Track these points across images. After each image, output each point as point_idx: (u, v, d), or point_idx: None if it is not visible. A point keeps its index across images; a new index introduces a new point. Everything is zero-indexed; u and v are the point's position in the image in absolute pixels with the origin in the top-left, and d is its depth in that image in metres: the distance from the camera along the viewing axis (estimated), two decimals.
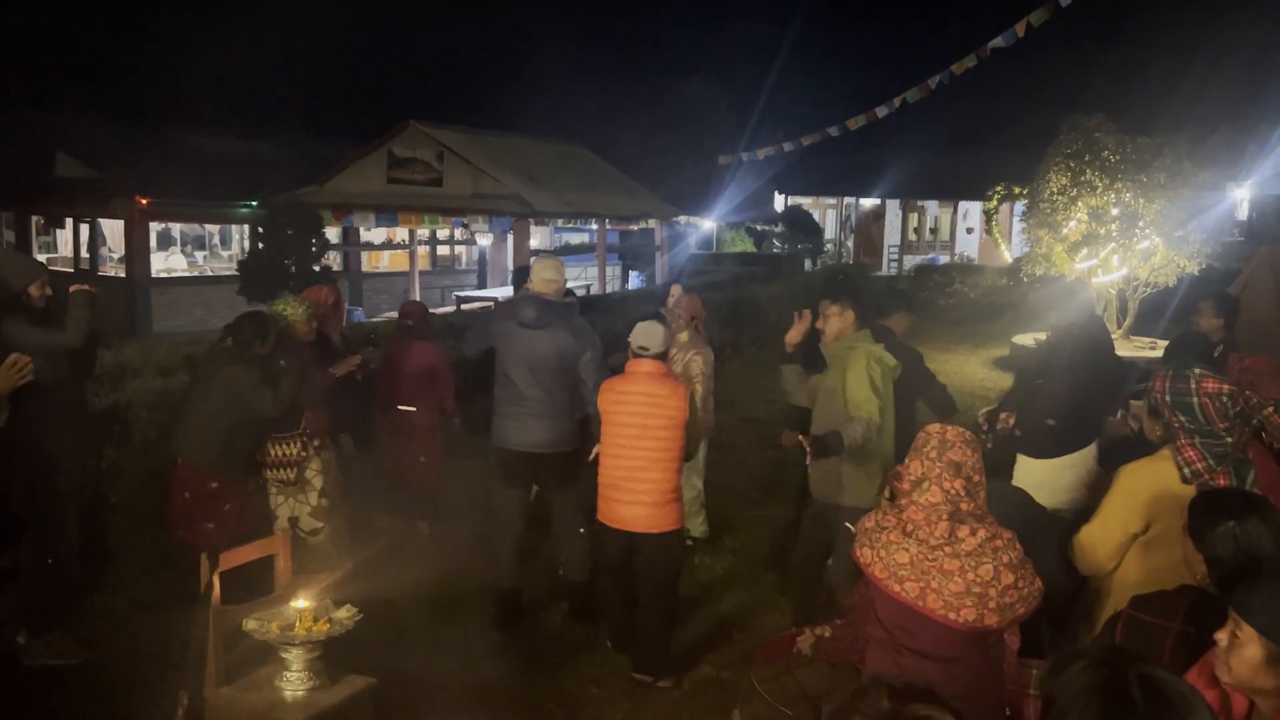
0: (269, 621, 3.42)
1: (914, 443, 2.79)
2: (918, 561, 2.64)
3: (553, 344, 4.92)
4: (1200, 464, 2.83)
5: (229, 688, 3.45)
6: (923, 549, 2.64)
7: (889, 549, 2.69)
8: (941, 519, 2.63)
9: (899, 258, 28.69)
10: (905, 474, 2.75)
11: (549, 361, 4.91)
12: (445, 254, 24.09)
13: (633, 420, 4.55)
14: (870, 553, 2.74)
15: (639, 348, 4.63)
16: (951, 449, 2.70)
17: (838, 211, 30.83)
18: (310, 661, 3.41)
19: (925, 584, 2.62)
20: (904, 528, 2.69)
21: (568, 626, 5.06)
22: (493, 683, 4.41)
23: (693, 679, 4.55)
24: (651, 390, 4.55)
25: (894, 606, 2.69)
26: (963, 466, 2.68)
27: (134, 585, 5.34)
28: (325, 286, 6.24)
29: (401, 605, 4.95)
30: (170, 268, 19.88)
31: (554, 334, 4.92)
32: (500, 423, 5.02)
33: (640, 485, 4.53)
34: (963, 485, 2.65)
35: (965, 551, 2.61)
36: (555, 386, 4.93)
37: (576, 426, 5.06)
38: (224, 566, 3.45)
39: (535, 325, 4.91)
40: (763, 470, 7.54)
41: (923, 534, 2.65)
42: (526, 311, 4.96)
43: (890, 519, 2.76)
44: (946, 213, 31.06)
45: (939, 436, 2.74)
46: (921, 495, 2.66)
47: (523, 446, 4.95)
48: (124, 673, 4.42)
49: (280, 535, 3.96)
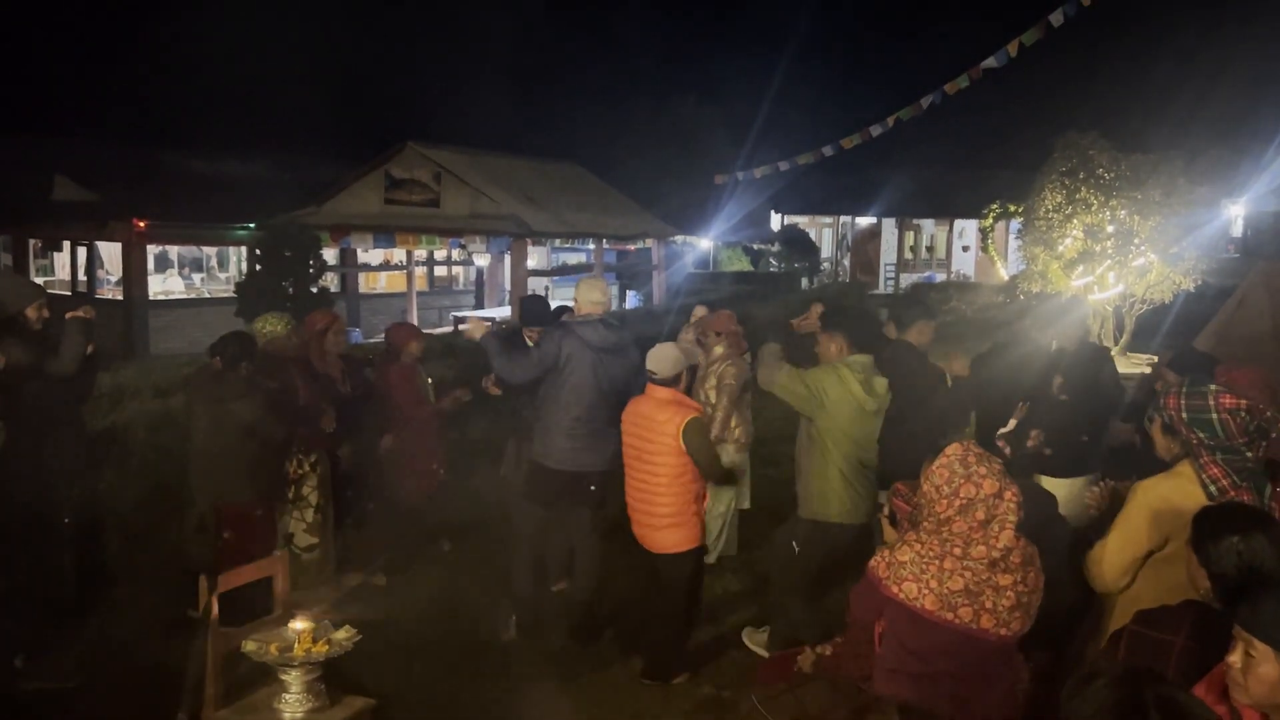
0: (268, 643, 3.40)
1: (945, 469, 2.74)
2: (973, 585, 2.63)
3: (626, 368, 4.92)
4: (1225, 480, 2.80)
5: (227, 710, 3.43)
6: (978, 570, 2.63)
7: (942, 578, 2.67)
8: (1006, 529, 2.63)
9: (895, 276, 28.76)
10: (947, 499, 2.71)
11: (619, 385, 4.89)
12: (443, 275, 24.12)
13: (635, 444, 4.61)
14: (917, 586, 2.71)
15: (648, 371, 4.63)
16: (995, 461, 2.71)
17: (834, 230, 30.91)
18: (309, 683, 3.39)
19: (979, 605, 2.62)
20: (953, 552, 2.67)
21: (569, 645, 5.03)
22: (494, 702, 4.39)
23: (694, 698, 4.52)
24: (652, 415, 4.54)
25: (939, 635, 2.68)
26: (1007, 473, 2.69)
27: (131, 607, 5.31)
28: (322, 312, 6.21)
29: (401, 624, 4.93)
30: (168, 290, 19.89)
31: (627, 358, 4.94)
32: (553, 442, 4.89)
33: (647, 508, 4.58)
34: (1019, 490, 2.66)
35: (1015, 563, 2.62)
36: (615, 408, 4.87)
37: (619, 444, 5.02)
38: (223, 588, 3.44)
39: (613, 350, 4.90)
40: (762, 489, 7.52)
41: (979, 552, 2.63)
42: (604, 336, 4.91)
43: (933, 546, 2.73)
44: (943, 231, 31.15)
45: (975, 453, 2.73)
46: (988, 513, 2.64)
47: (578, 466, 4.89)
48: (121, 695, 4.39)
49: (278, 557, 3.94)
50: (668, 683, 4.59)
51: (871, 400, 4.52)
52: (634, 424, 4.61)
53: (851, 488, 4.55)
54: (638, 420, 4.59)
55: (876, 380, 4.57)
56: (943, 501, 2.70)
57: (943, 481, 2.71)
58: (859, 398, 4.49)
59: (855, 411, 4.50)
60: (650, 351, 4.70)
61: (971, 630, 2.63)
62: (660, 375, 4.58)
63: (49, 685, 4.46)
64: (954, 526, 2.68)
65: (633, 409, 4.66)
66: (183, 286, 20.73)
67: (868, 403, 4.50)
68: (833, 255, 30.26)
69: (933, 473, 2.75)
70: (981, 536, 2.65)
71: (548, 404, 4.92)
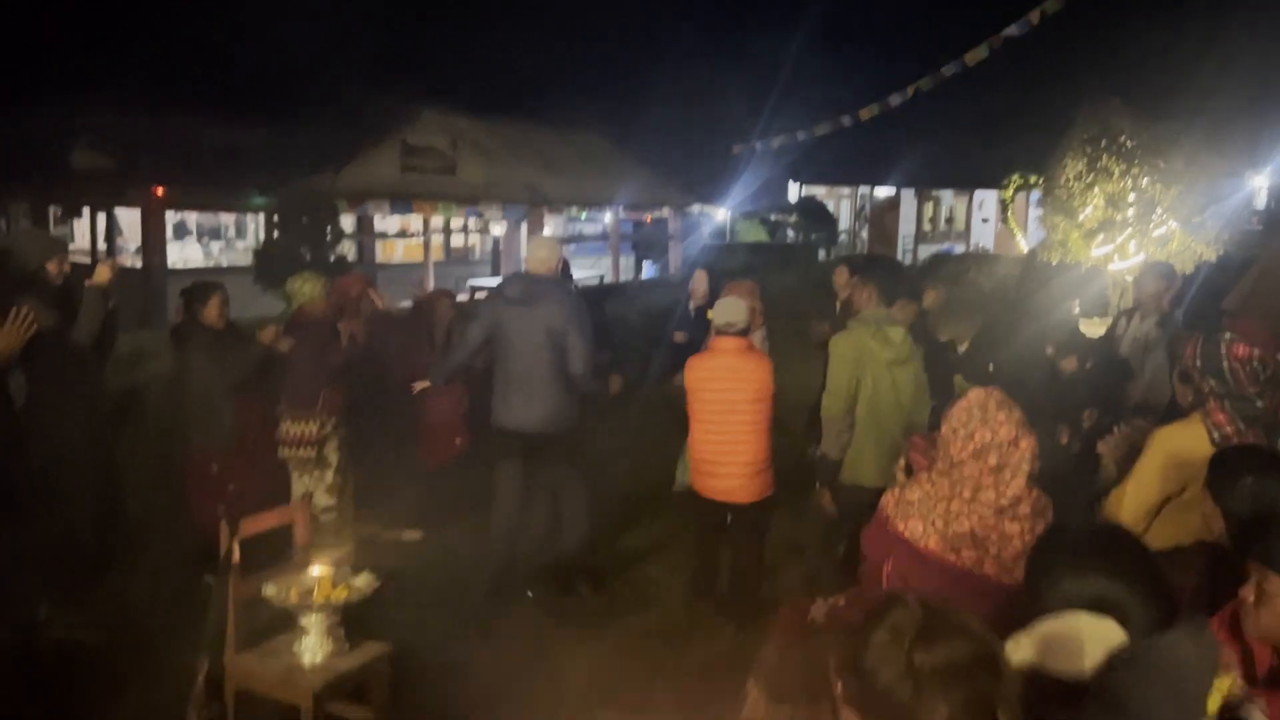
0: (288, 588, 3.45)
1: (964, 411, 2.74)
2: (979, 529, 2.63)
3: (540, 321, 4.82)
4: (1229, 427, 2.82)
5: (248, 653, 3.48)
6: (985, 515, 2.63)
7: (948, 519, 2.67)
8: (1018, 477, 2.62)
9: (914, 247, 28.57)
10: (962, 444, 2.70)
11: (537, 339, 4.83)
12: (459, 244, 24.12)
13: (721, 396, 4.65)
14: (922, 525, 2.71)
15: (725, 324, 4.73)
16: (1015, 408, 2.70)
17: (852, 201, 30.70)
18: (329, 627, 3.43)
19: (984, 551, 2.62)
20: (959, 494, 2.67)
21: (577, 601, 5.07)
22: (507, 655, 4.44)
23: (710, 651, 4.56)
24: (736, 365, 4.66)
25: (942, 577, 2.68)
26: (1026, 423, 2.68)
27: (151, 560, 5.39)
28: (355, 276, 6.32)
29: (416, 579, 4.98)
30: (186, 259, 19.99)
31: (541, 310, 4.82)
32: (497, 402, 4.99)
33: (732, 459, 4.66)
34: (1035, 442, 2.65)
35: (1024, 514, 2.62)
36: (547, 365, 4.84)
37: (575, 404, 5.00)
38: (243, 534, 3.48)
39: (521, 302, 4.85)
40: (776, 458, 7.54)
41: (987, 497, 2.63)
42: (513, 289, 4.93)
43: (943, 487, 2.73)
44: (962, 202, 30.91)
45: (995, 398, 2.72)
46: (1000, 458, 2.64)
47: (518, 426, 4.90)
48: (143, 643, 4.47)
49: (298, 504, 3.99)
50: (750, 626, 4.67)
51: (887, 350, 4.50)
52: (717, 377, 4.67)
53: (880, 449, 4.53)
54: (722, 374, 4.67)
55: (892, 330, 4.54)
56: (957, 444, 2.69)
57: (959, 424, 2.70)
58: (872, 351, 4.48)
59: (875, 366, 4.50)
60: (719, 304, 4.83)
61: (974, 575, 2.63)
62: (737, 325, 4.71)
63: (73, 636, 4.54)
64: (965, 470, 2.67)
65: (711, 363, 4.72)
66: (201, 255, 20.83)
67: (883, 354, 4.49)
68: (850, 226, 30.07)
69: (951, 414, 2.74)
70: (992, 482, 2.64)
71: (494, 364, 5.02)
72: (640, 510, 6.54)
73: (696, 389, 4.73)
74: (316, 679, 3.32)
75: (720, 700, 3.94)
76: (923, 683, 1.31)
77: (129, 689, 4.09)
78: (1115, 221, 12.26)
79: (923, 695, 1.31)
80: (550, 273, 4.99)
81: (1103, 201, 12.36)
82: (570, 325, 4.83)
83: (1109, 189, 12.29)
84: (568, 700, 4.07)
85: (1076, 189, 12.43)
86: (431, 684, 3.94)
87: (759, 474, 4.73)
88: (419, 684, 3.90)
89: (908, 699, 1.32)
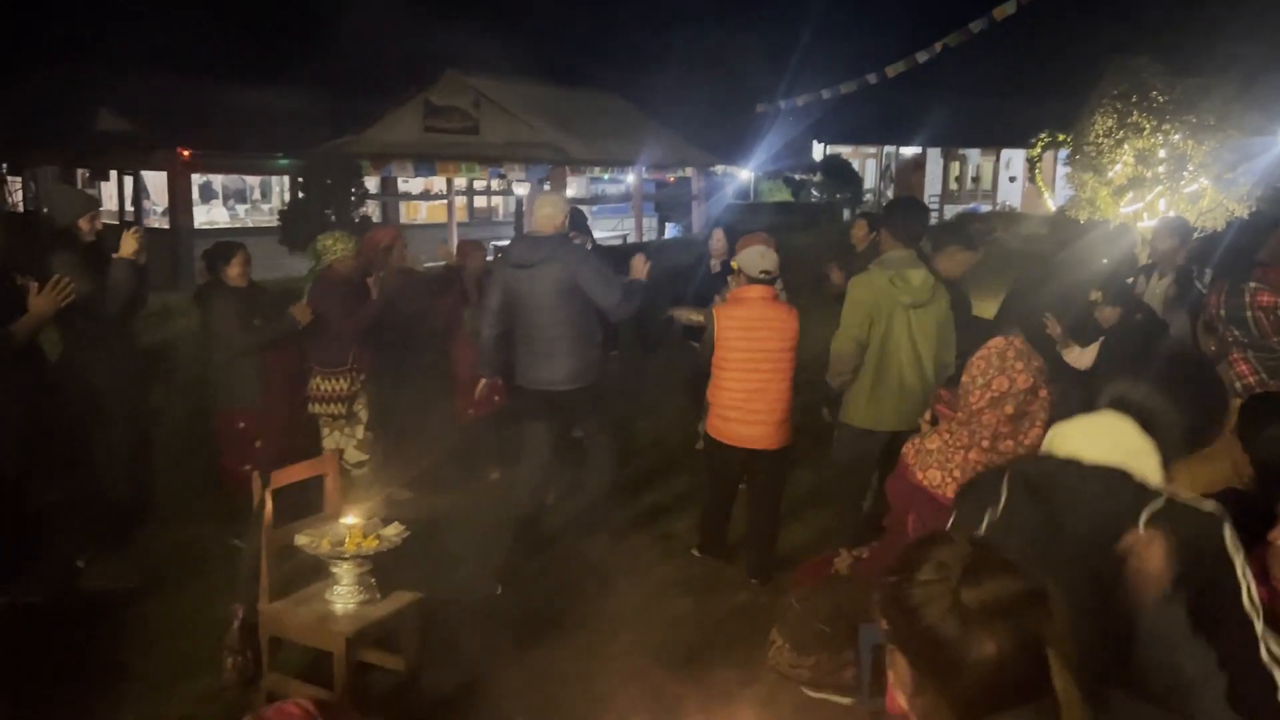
0: (319, 538, 3.51)
1: (983, 360, 2.73)
2: None
3: (547, 281, 4.79)
4: (1252, 378, 2.81)
5: (282, 601, 3.56)
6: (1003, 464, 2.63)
7: (965, 469, 2.68)
8: (1036, 426, 2.62)
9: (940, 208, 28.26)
10: (979, 392, 2.71)
11: (548, 299, 4.81)
12: (482, 205, 24.09)
13: (750, 344, 4.70)
14: (940, 474, 2.73)
15: (761, 272, 4.76)
16: (1034, 356, 2.69)
17: (877, 160, 30.38)
18: (360, 576, 3.50)
19: None
20: (979, 443, 2.67)
21: (605, 555, 5.13)
22: (533, 605, 4.51)
23: (733, 602, 4.61)
24: (767, 314, 4.73)
25: None
26: (1044, 372, 2.67)
27: (185, 513, 5.50)
28: (385, 229, 6.35)
29: (444, 533, 5.05)
30: (212, 220, 20.09)
31: (545, 271, 4.79)
32: (518, 362, 5.01)
33: (759, 405, 4.72)
34: (1052, 390, 2.65)
35: None
36: (562, 323, 4.82)
37: (596, 359, 5.00)
38: (275, 485, 3.54)
39: (526, 265, 4.83)
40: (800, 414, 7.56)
41: (1006, 446, 2.63)
42: (517, 252, 4.91)
43: (962, 436, 2.73)
44: (989, 161, 30.51)
45: (1015, 347, 2.71)
46: (1018, 407, 2.64)
47: (540, 385, 4.92)
48: (178, 593, 4.58)
49: (329, 456, 4.05)
50: (769, 582, 4.76)
51: (905, 294, 4.46)
52: (751, 325, 4.71)
53: (878, 391, 4.53)
54: (757, 322, 4.71)
55: (911, 272, 4.48)
56: (976, 393, 2.70)
57: (978, 373, 2.70)
58: (889, 294, 4.46)
59: (891, 309, 4.48)
60: (751, 251, 4.85)
61: None
62: (774, 272, 4.77)
63: (110, 586, 4.65)
64: (984, 419, 2.67)
65: (742, 311, 4.74)
66: (227, 217, 20.93)
67: (901, 296, 4.47)
68: (875, 186, 29.78)
69: (971, 364, 2.74)
70: (1010, 431, 2.65)
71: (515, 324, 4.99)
72: (663, 466, 6.59)
73: (727, 336, 4.74)
74: (348, 626, 3.39)
75: (743, 649, 4.01)
76: (969, 620, 1.26)
77: (165, 636, 4.19)
78: (1145, 178, 12.09)
79: (969, 633, 1.26)
80: (557, 230, 4.92)
81: (1132, 158, 12.18)
82: (580, 274, 4.77)
83: (1139, 145, 12.10)
84: (592, 648, 4.13)
85: (1106, 146, 12.25)
86: (460, 633, 4.01)
87: (783, 422, 4.78)
88: (448, 633, 3.97)
89: (954, 637, 1.27)
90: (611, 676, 3.83)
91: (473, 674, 3.77)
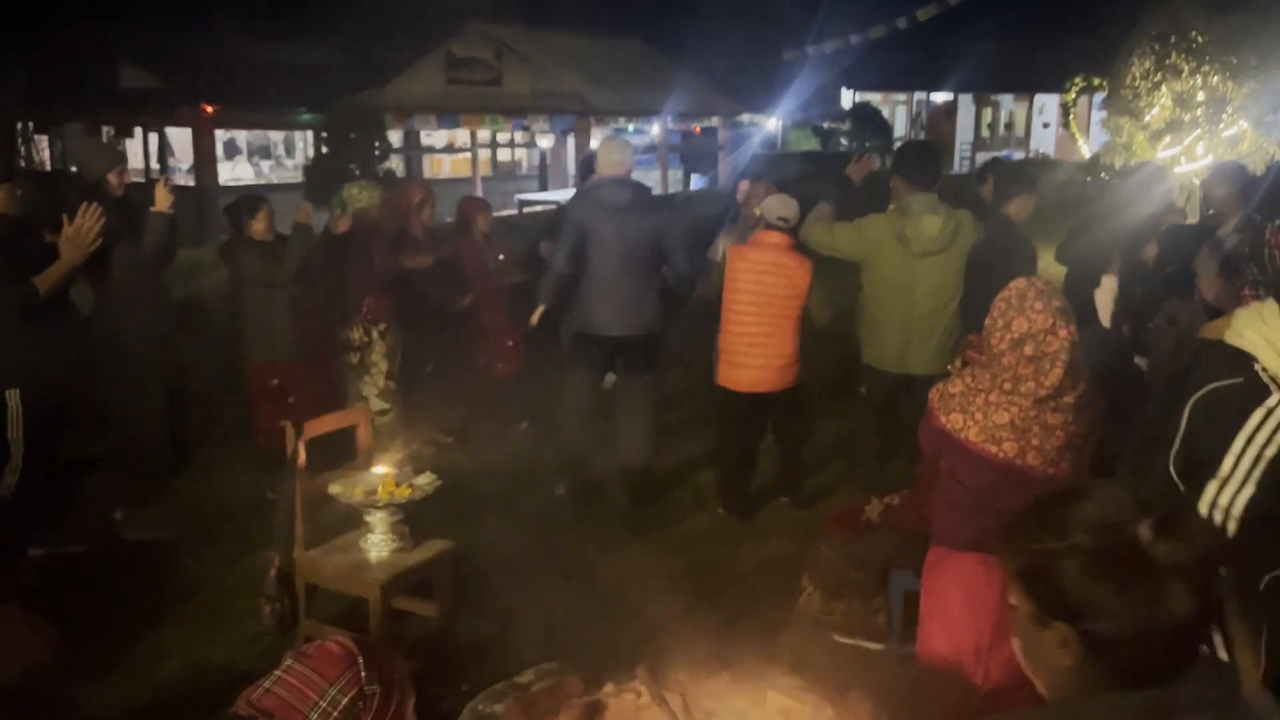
0: (353, 487, 3.54)
1: (1004, 302, 2.69)
2: (1019, 420, 2.60)
3: (646, 225, 4.87)
4: None
5: (317, 549, 3.60)
6: (1025, 406, 2.60)
7: (987, 411, 2.65)
8: (1056, 366, 2.57)
9: (971, 155, 27.83)
10: (1001, 334, 2.67)
11: (644, 244, 4.87)
12: (506, 159, 23.97)
13: (759, 289, 4.73)
14: (962, 417, 2.69)
15: (778, 218, 4.76)
16: (1055, 298, 2.64)
17: (908, 107, 29.90)
18: (393, 524, 3.53)
19: (1026, 442, 2.60)
20: (1000, 386, 2.64)
21: (633, 508, 5.15)
22: (564, 553, 4.54)
23: (765, 550, 4.63)
24: (781, 261, 4.73)
25: (986, 469, 2.66)
26: (1067, 312, 2.62)
27: (220, 464, 5.57)
28: (417, 185, 6.34)
29: (473, 482, 5.09)
30: (237, 177, 20.13)
31: (648, 216, 4.89)
32: (588, 309, 4.95)
33: (774, 349, 4.79)
34: (1074, 331, 2.60)
35: (1068, 405, 2.58)
36: (647, 269, 4.92)
37: (660, 306, 5.05)
38: (309, 435, 3.56)
39: (619, 207, 4.82)
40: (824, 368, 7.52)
41: (1027, 388, 2.59)
42: (619, 195, 4.86)
43: (984, 380, 2.70)
44: (1021, 107, 29.95)
45: (1036, 287, 2.66)
46: (1037, 348, 2.59)
47: (611, 331, 4.92)
48: (215, 543, 4.64)
49: (361, 406, 4.07)
50: (800, 500, 5.05)
51: (917, 242, 4.40)
52: (764, 270, 4.74)
53: (881, 332, 4.62)
54: (770, 268, 4.73)
55: (926, 220, 4.41)
56: (997, 334, 2.65)
57: (999, 314, 2.66)
58: (900, 238, 4.42)
59: (898, 255, 4.45)
60: (773, 199, 4.86)
61: (1016, 466, 2.60)
62: (792, 221, 4.76)
63: (147, 535, 4.72)
64: (1004, 360, 2.63)
65: (755, 255, 4.76)
66: (251, 174, 20.96)
67: (912, 244, 4.41)
68: (906, 134, 29.32)
69: (994, 305, 2.70)
70: (1031, 372, 2.60)
71: (581, 272, 4.93)
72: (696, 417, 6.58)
73: (737, 278, 4.75)
74: (383, 573, 3.43)
75: (774, 597, 4.02)
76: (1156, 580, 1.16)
77: (204, 584, 4.26)
78: (1183, 122, 11.83)
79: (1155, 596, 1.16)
80: (627, 174, 4.95)
81: (1170, 101, 11.91)
82: (670, 231, 4.95)
83: (1177, 88, 11.83)
84: (622, 597, 4.15)
85: (1143, 89, 11.99)
86: (493, 581, 4.04)
87: (788, 366, 4.87)
88: (481, 580, 4.01)
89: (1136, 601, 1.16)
90: (641, 625, 3.85)
91: (504, 621, 3.81)
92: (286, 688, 1.59)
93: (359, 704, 1.57)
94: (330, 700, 1.56)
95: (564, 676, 2.72)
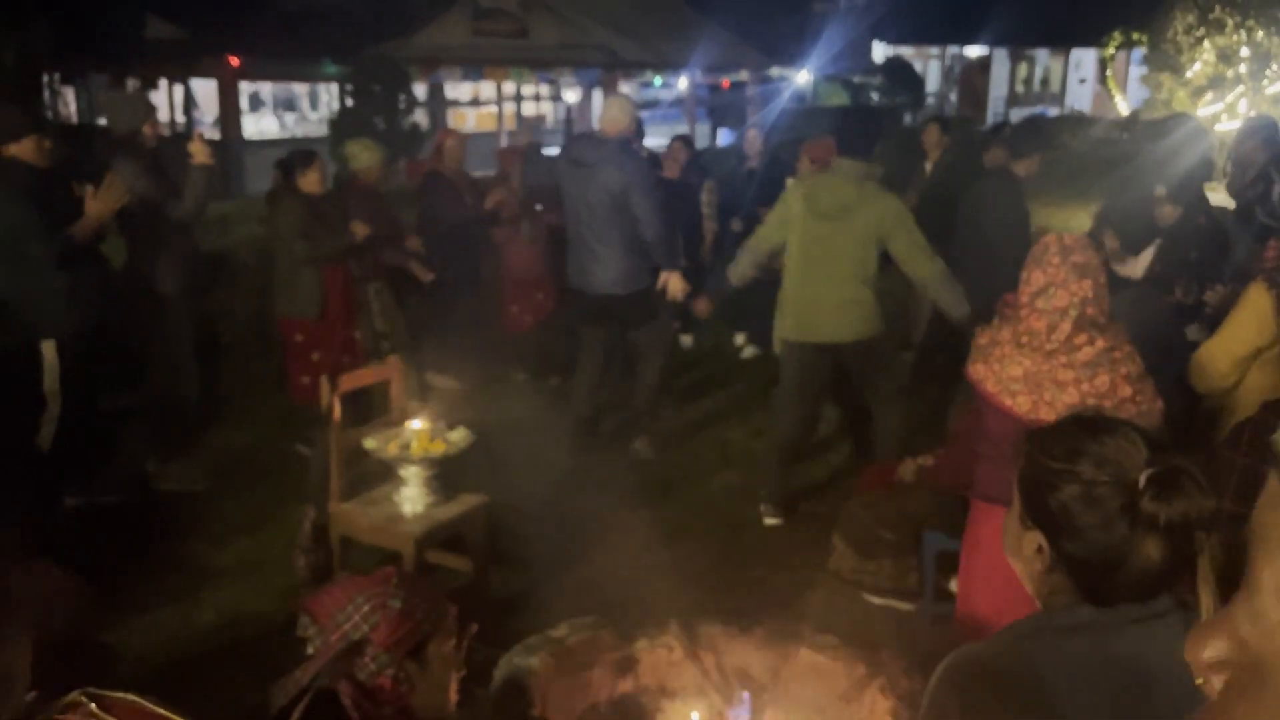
0: (387, 441, 3.55)
1: (1031, 254, 2.66)
2: (1031, 374, 2.57)
3: (597, 183, 4.74)
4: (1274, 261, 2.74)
5: (351, 502, 3.62)
6: (1037, 360, 2.56)
7: (1003, 363, 2.63)
8: (1063, 322, 2.54)
9: (1005, 111, 27.29)
10: (1024, 288, 2.64)
11: (595, 200, 4.76)
12: (531, 113, 23.79)
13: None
14: (984, 368, 2.68)
15: None
16: (1074, 253, 2.59)
17: (941, 62, 29.34)
18: (427, 479, 3.54)
19: (1039, 397, 2.56)
20: (1018, 340, 2.62)
21: (665, 462, 5.15)
22: (594, 509, 4.55)
23: (792, 512, 4.61)
24: None
25: (1005, 421, 2.64)
26: (1088, 268, 2.57)
27: (253, 417, 5.61)
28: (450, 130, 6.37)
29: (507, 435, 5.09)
30: (262, 131, 20.11)
31: (598, 172, 4.72)
32: (569, 264, 5.01)
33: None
34: (1090, 287, 2.55)
35: (1081, 361, 2.53)
36: (613, 226, 4.77)
37: (642, 266, 4.93)
38: (343, 389, 3.57)
39: (580, 163, 4.79)
40: None
41: (1038, 342, 2.57)
42: (575, 149, 4.91)
43: (1005, 333, 2.68)
44: (1058, 63, 29.30)
45: (1058, 243, 2.62)
46: (1047, 302, 2.56)
47: (589, 288, 4.90)
48: (247, 494, 4.69)
49: (395, 361, 4.07)
50: None
51: (817, 202, 4.32)
52: None
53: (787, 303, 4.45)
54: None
55: (830, 181, 4.38)
56: (1021, 287, 2.63)
57: (1025, 268, 2.64)
58: (802, 205, 4.36)
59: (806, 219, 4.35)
60: None
61: (1031, 420, 2.57)
62: None
63: (180, 488, 4.78)
64: (1022, 313, 2.62)
65: None
66: (276, 127, 20.92)
67: (817, 204, 4.33)
68: (939, 89, 28.80)
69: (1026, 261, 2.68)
70: (1043, 326, 2.58)
71: (567, 225, 4.99)
72: (716, 375, 6.57)
73: None
74: (416, 527, 3.45)
75: (804, 554, 4.02)
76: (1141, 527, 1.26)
77: (238, 535, 4.31)
78: (1226, 78, 11.55)
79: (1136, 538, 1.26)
80: (622, 133, 4.84)
81: (1213, 56, 11.62)
82: (632, 188, 4.71)
83: (1220, 43, 11.53)
84: (652, 553, 4.16)
85: (1185, 44, 11.71)
86: (525, 535, 4.06)
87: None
88: (514, 535, 4.03)
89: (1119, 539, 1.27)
90: (671, 581, 3.85)
91: (536, 576, 3.83)
92: (329, 594, 1.81)
93: (377, 614, 1.74)
94: (355, 605, 1.75)
95: (598, 630, 2.74)
